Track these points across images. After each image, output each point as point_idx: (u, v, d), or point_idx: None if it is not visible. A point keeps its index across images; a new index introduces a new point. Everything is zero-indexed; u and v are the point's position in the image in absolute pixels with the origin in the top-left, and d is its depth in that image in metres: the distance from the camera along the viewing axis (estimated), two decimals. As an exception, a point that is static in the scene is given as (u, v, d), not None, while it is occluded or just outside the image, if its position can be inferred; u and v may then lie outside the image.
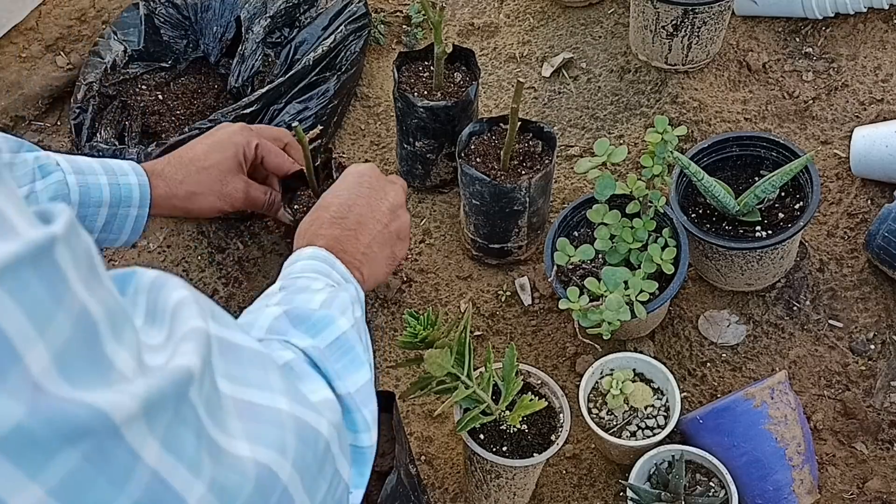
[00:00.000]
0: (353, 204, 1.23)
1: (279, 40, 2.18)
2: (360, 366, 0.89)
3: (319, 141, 1.92)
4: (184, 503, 0.57)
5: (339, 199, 1.23)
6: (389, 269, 1.24)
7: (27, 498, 0.49)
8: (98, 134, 2.06)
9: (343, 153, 2.19)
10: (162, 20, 2.22)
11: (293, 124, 1.81)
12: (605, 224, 1.76)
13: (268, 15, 2.15)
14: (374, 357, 1.94)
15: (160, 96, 2.19)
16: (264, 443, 0.66)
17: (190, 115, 2.18)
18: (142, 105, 2.16)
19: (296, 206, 1.91)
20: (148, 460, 0.55)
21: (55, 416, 0.49)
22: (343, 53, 2.18)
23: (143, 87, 2.19)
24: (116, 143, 2.06)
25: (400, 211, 1.28)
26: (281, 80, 2.07)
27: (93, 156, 2.07)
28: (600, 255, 1.78)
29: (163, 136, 2.13)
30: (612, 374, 1.73)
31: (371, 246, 1.21)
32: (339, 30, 2.18)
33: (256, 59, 2.12)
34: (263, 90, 2.05)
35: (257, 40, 2.13)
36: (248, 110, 2.03)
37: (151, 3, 2.21)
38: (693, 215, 1.84)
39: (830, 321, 1.88)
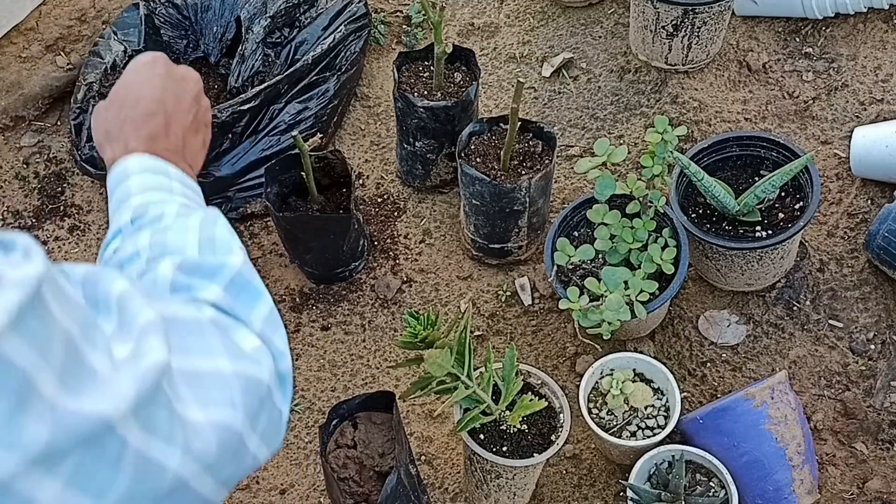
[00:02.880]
0: (160, 98, 1.15)
1: (279, 40, 2.17)
2: (259, 296, 0.92)
3: (320, 144, 1.92)
4: (166, 470, 0.69)
5: (144, 94, 1.14)
6: (202, 157, 1.21)
7: (50, 492, 0.60)
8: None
9: (343, 153, 2.19)
10: (162, 20, 2.22)
11: (292, 133, 1.82)
12: (605, 224, 1.76)
13: (268, 15, 2.15)
14: (374, 357, 1.95)
15: None
16: (215, 404, 0.75)
17: None
18: None
19: (289, 212, 1.92)
20: (133, 443, 0.65)
21: (70, 429, 0.61)
22: (343, 53, 2.18)
23: None
24: None
25: (201, 97, 1.24)
26: (280, 76, 2.07)
27: (92, 157, 2.08)
28: (600, 255, 1.78)
29: None
30: (612, 374, 1.73)
31: (186, 138, 1.18)
32: (338, 30, 2.18)
33: (256, 60, 2.12)
34: (262, 86, 2.05)
35: (257, 40, 2.13)
36: (245, 106, 2.03)
37: (151, 3, 2.22)
38: (693, 215, 1.84)
39: (830, 321, 1.88)
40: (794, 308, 1.89)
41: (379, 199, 2.14)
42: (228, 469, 0.78)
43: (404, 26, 2.38)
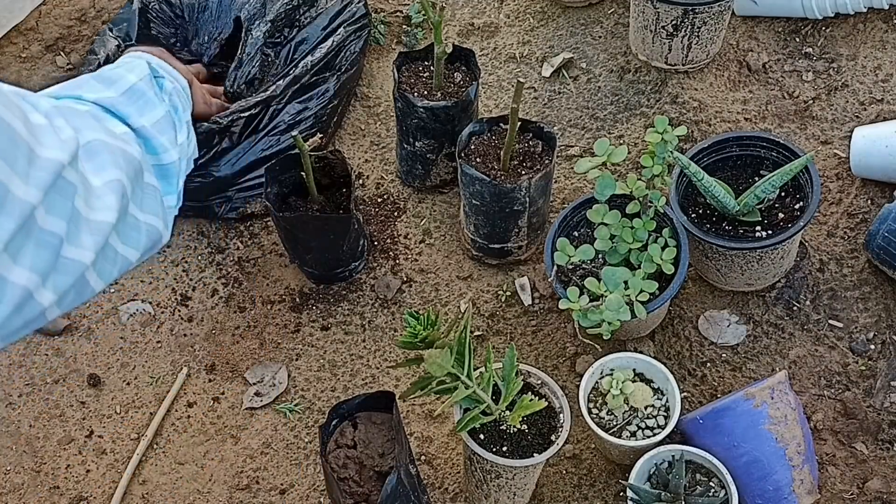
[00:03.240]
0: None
1: (278, 40, 2.17)
2: (154, 106, 1.23)
3: (320, 144, 1.92)
4: (80, 215, 0.93)
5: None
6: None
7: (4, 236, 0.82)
8: None
9: (343, 153, 2.18)
10: (154, 16, 2.21)
11: (292, 133, 1.82)
12: (605, 224, 1.76)
13: (267, 19, 2.14)
14: (374, 357, 1.95)
15: None
16: (108, 169, 1.02)
17: None
18: None
19: (289, 212, 1.92)
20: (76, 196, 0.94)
21: (24, 210, 0.83)
22: (343, 54, 2.18)
23: None
24: None
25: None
26: (280, 83, 2.06)
27: None
28: (600, 255, 1.78)
29: None
30: (612, 374, 1.73)
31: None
32: (338, 30, 2.18)
33: (254, 66, 2.11)
34: (265, 95, 2.04)
35: (256, 45, 2.12)
36: (246, 114, 2.03)
37: None
38: (693, 215, 1.84)
39: (830, 321, 1.88)
40: (794, 308, 1.89)
41: (379, 199, 2.14)
42: (124, 231, 1.05)
43: (404, 26, 2.38)
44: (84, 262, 0.94)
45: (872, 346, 1.84)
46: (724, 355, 1.86)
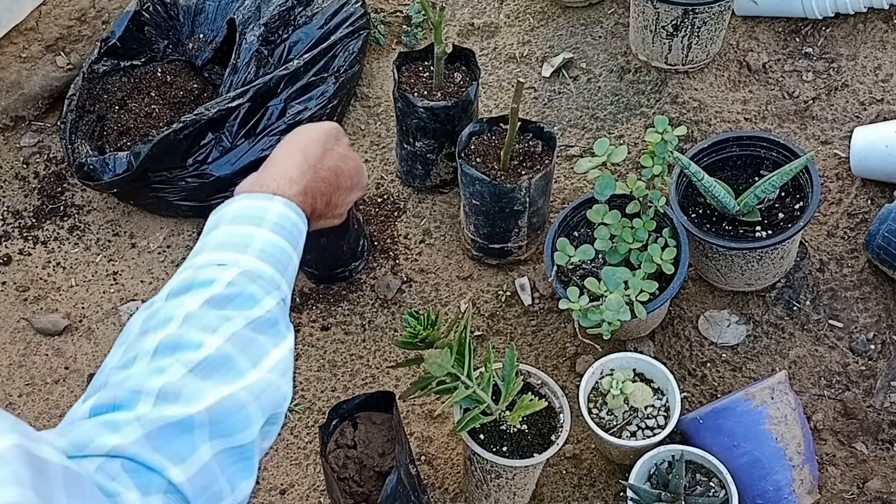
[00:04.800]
0: (334, 168, 1.18)
1: (273, 39, 2.17)
2: (248, 477, 0.82)
3: None
4: None
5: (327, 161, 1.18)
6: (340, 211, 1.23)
7: None
8: (80, 144, 2.07)
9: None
10: (149, 17, 2.21)
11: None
12: (605, 224, 1.76)
13: (261, 22, 2.14)
14: (374, 357, 1.95)
15: (137, 95, 2.18)
16: None
17: (169, 112, 2.16)
18: (118, 99, 2.15)
19: None
20: None
21: None
22: (341, 54, 2.18)
23: (119, 85, 2.18)
24: (97, 153, 2.06)
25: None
26: (266, 77, 2.06)
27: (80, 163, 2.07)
28: (600, 255, 1.78)
29: (141, 133, 2.12)
30: (612, 375, 1.73)
31: (333, 202, 1.17)
32: (335, 30, 2.18)
33: (249, 72, 2.11)
34: (251, 86, 2.04)
35: (251, 50, 2.12)
36: (234, 103, 2.03)
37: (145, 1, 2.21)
38: (693, 215, 1.84)
39: (830, 321, 1.88)
40: (794, 308, 1.89)
41: (379, 199, 2.14)
42: None
43: (404, 26, 2.38)
44: None
45: (872, 346, 1.84)
46: (724, 355, 1.86)
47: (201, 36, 2.23)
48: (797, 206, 1.81)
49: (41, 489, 0.61)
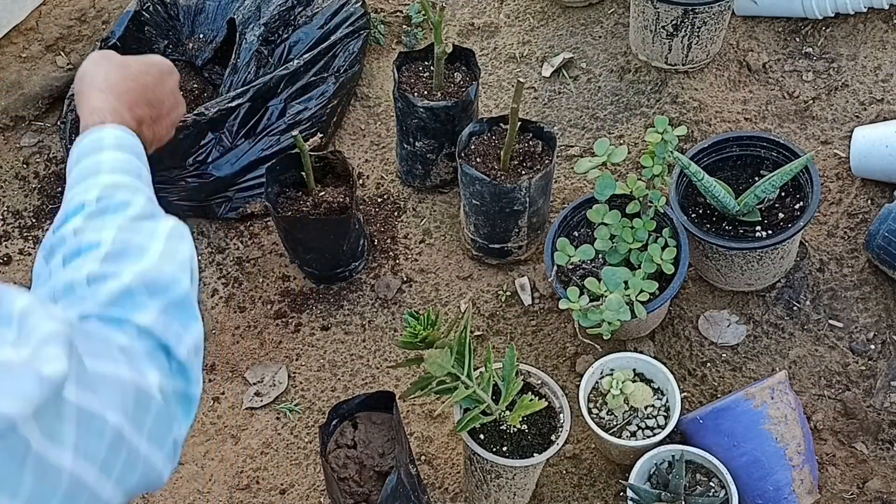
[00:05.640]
0: (153, 85, 1.20)
1: (273, 39, 2.17)
2: (194, 321, 0.98)
3: (320, 144, 1.92)
4: (61, 471, 0.75)
5: (143, 78, 1.19)
6: (164, 138, 1.27)
7: None
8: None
9: (343, 153, 2.19)
10: (149, 17, 2.21)
11: (293, 133, 1.82)
12: (606, 224, 1.76)
13: (261, 22, 2.14)
14: (374, 357, 1.95)
15: None
16: (112, 407, 0.82)
17: None
18: None
19: (289, 212, 1.92)
20: (34, 446, 0.71)
21: None
22: (341, 54, 2.18)
23: None
24: None
25: (176, 90, 1.28)
26: (267, 77, 2.06)
27: None
28: (600, 255, 1.78)
29: None
30: (612, 374, 1.73)
31: (160, 122, 1.22)
32: (335, 30, 2.18)
33: (249, 72, 2.11)
34: (251, 85, 2.04)
35: (251, 50, 2.12)
36: (234, 103, 2.03)
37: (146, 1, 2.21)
38: (693, 215, 1.84)
39: (830, 321, 1.88)
40: (794, 308, 1.89)
41: (379, 199, 2.14)
42: (122, 471, 0.83)
43: (404, 26, 2.38)
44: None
45: (872, 346, 1.84)
46: (724, 355, 1.86)
47: (201, 36, 2.23)
48: (797, 206, 1.81)
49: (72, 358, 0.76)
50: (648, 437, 1.67)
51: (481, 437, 1.60)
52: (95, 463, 0.79)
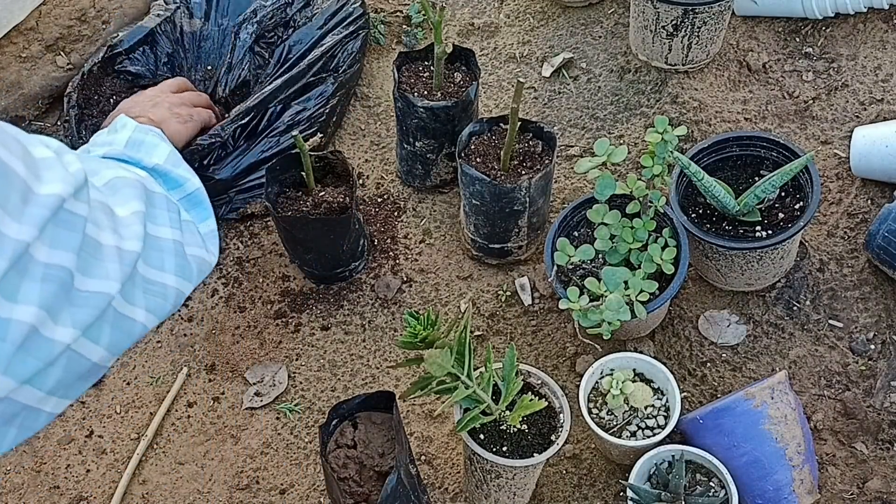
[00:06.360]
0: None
1: (272, 39, 2.17)
2: (156, 146, 1.30)
3: (320, 144, 1.92)
4: (100, 246, 0.92)
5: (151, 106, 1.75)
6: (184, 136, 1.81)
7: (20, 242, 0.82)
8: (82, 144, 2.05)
9: (343, 153, 2.18)
10: (160, 36, 2.18)
11: (293, 133, 1.82)
12: (605, 224, 1.76)
13: (255, 20, 2.13)
14: (374, 357, 1.95)
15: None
16: (130, 201, 1.05)
17: None
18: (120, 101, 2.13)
19: (289, 212, 1.92)
20: (84, 215, 0.89)
21: (17, 249, 0.81)
22: (340, 54, 2.17)
23: (121, 87, 2.16)
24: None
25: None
26: (276, 84, 2.05)
27: None
28: (600, 255, 1.78)
29: None
30: (612, 374, 1.73)
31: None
32: (335, 30, 2.18)
33: (243, 69, 2.10)
34: (259, 95, 2.04)
35: (244, 47, 2.11)
36: (246, 119, 2.02)
37: (163, 24, 2.18)
38: (693, 215, 1.84)
39: (830, 321, 1.88)
40: (794, 308, 1.89)
41: (379, 199, 2.14)
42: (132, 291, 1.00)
43: (404, 26, 2.38)
44: (108, 293, 0.91)
45: (872, 346, 1.84)
46: (724, 355, 1.86)
47: (209, 67, 2.19)
48: (797, 206, 1.81)
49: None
50: (648, 437, 1.67)
51: (481, 437, 1.60)
52: (140, 226, 1.02)
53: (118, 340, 0.95)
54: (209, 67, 2.18)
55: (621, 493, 1.75)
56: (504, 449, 1.60)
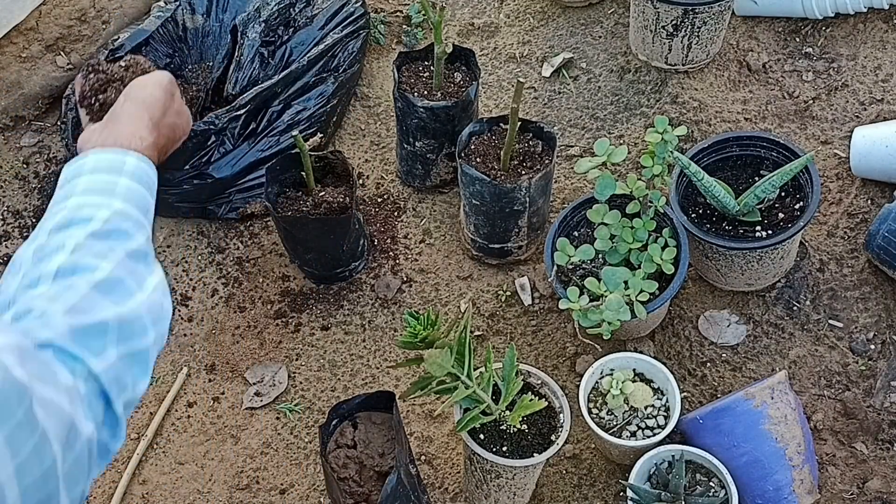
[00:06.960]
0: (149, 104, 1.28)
1: (274, 39, 2.17)
2: (145, 378, 1.01)
3: (320, 144, 1.92)
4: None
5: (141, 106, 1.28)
6: (174, 143, 1.35)
7: None
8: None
9: (343, 153, 2.18)
10: (161, 36, 2.18)
11: (292, 133, 1.82)
12: (606, 224, 1.76)
13: (261, 19, 2.14)
14: (374, 357, 1.95)
15: None
16: (51, 426, 0.84)
17: None
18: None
19: (289, 212, 1.92)
20: None
21: None
22: (341, 54, 2.17)
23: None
24: None
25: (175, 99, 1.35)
26: (273, 80, 2.05)
27: None
28: (600, 255, 1.78)
29: None
30: (612, 374, 1.73)
31: (160, 130, 1.27)
32: (335, 30, 2.18)
33: (254, 68, 2.10)
34: (256, 90, 2.04)
35: (253, 46, 2.11)
36: (241, 111, 2.03)
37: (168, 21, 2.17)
38: (693, 215, 1.84)
39: (830, 321, 1.88)
40: (794, 308, 1.89)
41: (379, 199, 2.14)
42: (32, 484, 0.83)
43: (404, 26, 2.38)
44: None
45: (872, 346, 1.84)
46: (724, 355, 1.86)
47: (209, 63, 2.19)
48: (797, 206, 1.81)
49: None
50: (648, 437, 1.67)
51: (481, 437, 1.60)
52: (16, 458, 0.79)
53: None
54: (210, 63, 2.19)
55: (621, 493, 1.75)
56: (504, 449, 1.60)
